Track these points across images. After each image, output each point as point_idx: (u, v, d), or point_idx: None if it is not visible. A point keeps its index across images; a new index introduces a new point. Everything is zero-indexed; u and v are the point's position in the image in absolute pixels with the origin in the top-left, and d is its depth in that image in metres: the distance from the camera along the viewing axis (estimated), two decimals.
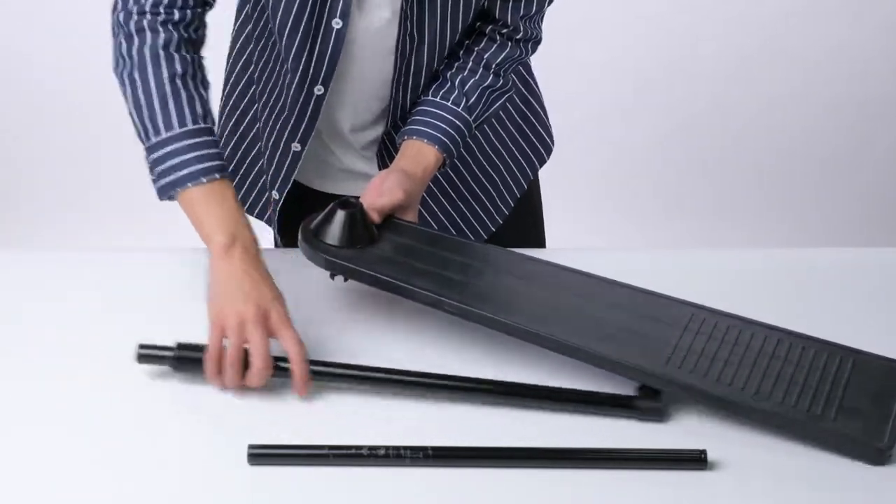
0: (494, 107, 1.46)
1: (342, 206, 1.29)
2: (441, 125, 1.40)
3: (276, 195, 1.51)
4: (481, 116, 1.45)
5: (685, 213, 3.35)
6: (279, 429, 1.12)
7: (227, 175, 1.29)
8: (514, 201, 1.61)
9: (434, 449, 1.08)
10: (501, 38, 1.44)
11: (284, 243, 1.58)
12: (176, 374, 1.20)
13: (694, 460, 1.07)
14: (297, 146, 1.45)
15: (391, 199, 1.33)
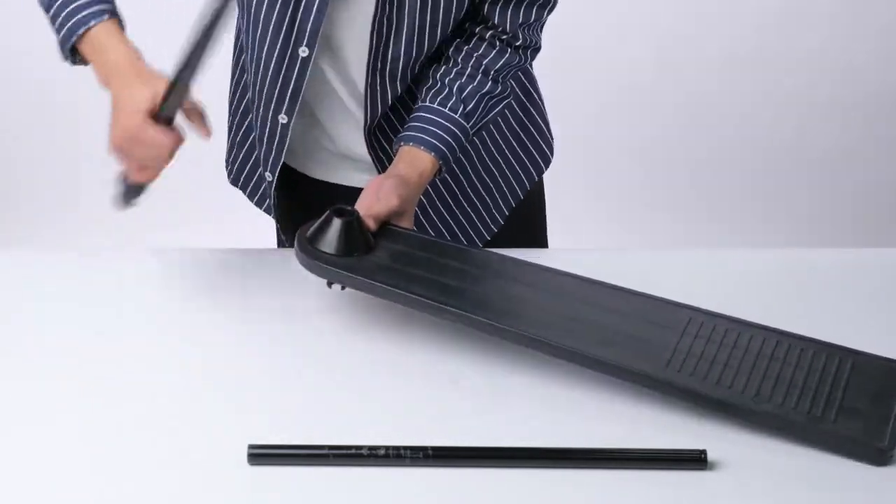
0: (492, 113, 1.45)
1: (338, 213, 1.28)
2: (437, 131, 1.39)
3: (268, 176, 1.48)
4: (479, 123, 1.43)
5: (685, 214, 3.35)
6: (279, 429, 1.12)
7: (116, 17, 1.35)
8: (508, 210, 1.60)
9: (434, 449, 1.08)
10: (501, 43, 1.43)
11: (286, 238, 1.57)
12: (176, 374, 1.21)
13: (694, 460, 1.07)
14: (283, 118, 1.41)
15: (387, 206, 1.32)
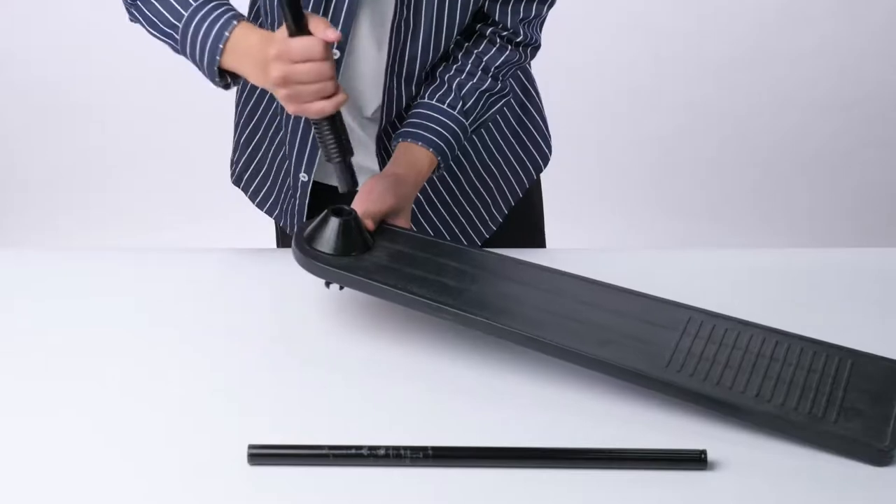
0: (491, 111, 1.46)
1: (336, 213, 1.28)
2: (436, 128, 1.40)
3: (303, 176, 1.48)
4: (478, 121, 1.44)
5: (685, 213, 3.35)
6: (279, 429, 1.12)
7: (243, 18, 1.32)
8: (507, 209, 1.60)
9: (434, 449, 1.08)
10: (501, 41, 1.43)
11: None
12: (175, 374, 1.21)
13: (694, 460, 1.07)
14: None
15: (384, 205, 1.33)
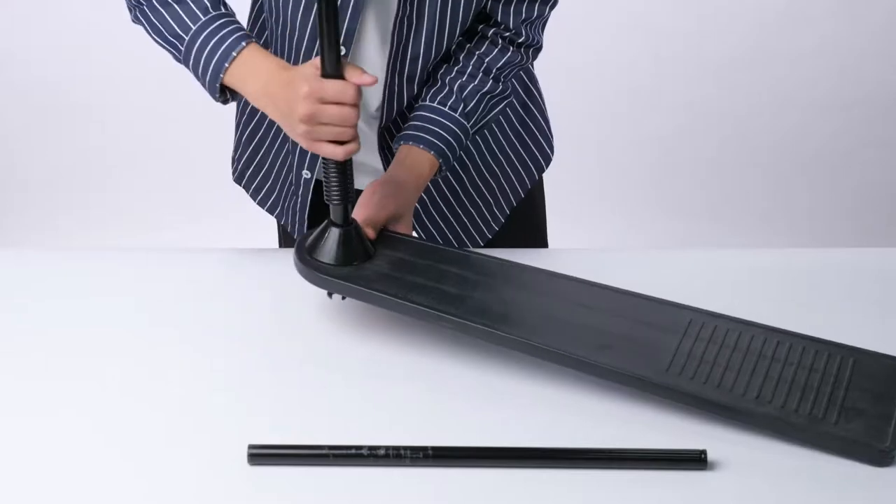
0: (493, 113, 1.45)
1: (336, 223, 1.28)
2: (437, 130, 1.39)
3: (306, 174, 1.48)
4: (479, 123, 1.44)
5: (685, 213, 3.35)
6: (279, 429, 1.12)
7: (252, 39, 1.32)
8: (509, 209, 1.60)
9: (434, 449, 1.08)
10: (503, 41, 1.43)
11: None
12: (176, 374, 1.21)
13: (694, 460, 1.07)
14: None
15: (384, 213, 1.33)
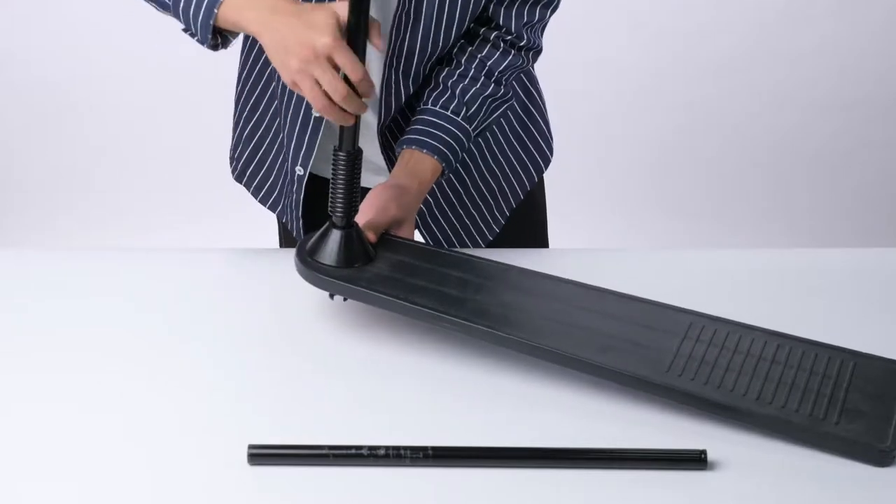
0: (494, 116, 1.46)
1: (338, 226, 1.28)
2: (440, 134, 1.40)
3: (299, 170, 1.47)
4: (481, 126, 1.44)
5: (685, 214, 3.36)
6: (279, 429, 1.12)
7: None
8: (510, 211, 1.60)
9: (434, 449, 1.08)
10: (504, 45, 1.44)
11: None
12: (176, 374, 1.21)
13: (694, 460, 1.07)
14: (317, 112, 1.39)
15: (386, 217, 1.33)
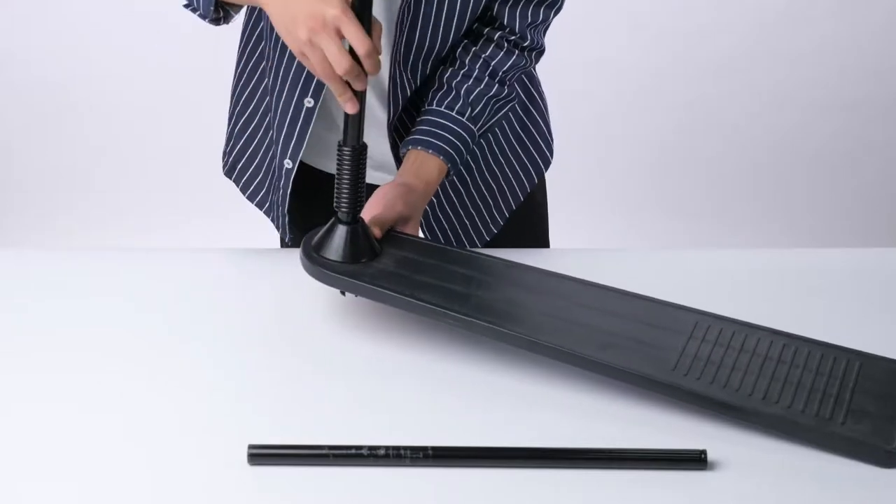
0: (498, 116, 1.46)
1: (343, 221, 1.28)
2: (445, 135, 1.40)
3: (287, 163, 1.46)
4: (485, 126, 1.44)
5: (685, 214, 3.36)
6: (279, 429, 1.12)
7: None
8: (509, 212, 1.60)
9: (434, 449, 1.08)
10: (508, 45, 1.44)
11: (291, 230, 1.56)
12: (176, 374, 1.22)
13: (694, 460, 1.07)
14: (309, 101, 1.40)
15: (393, 213, 1.33)
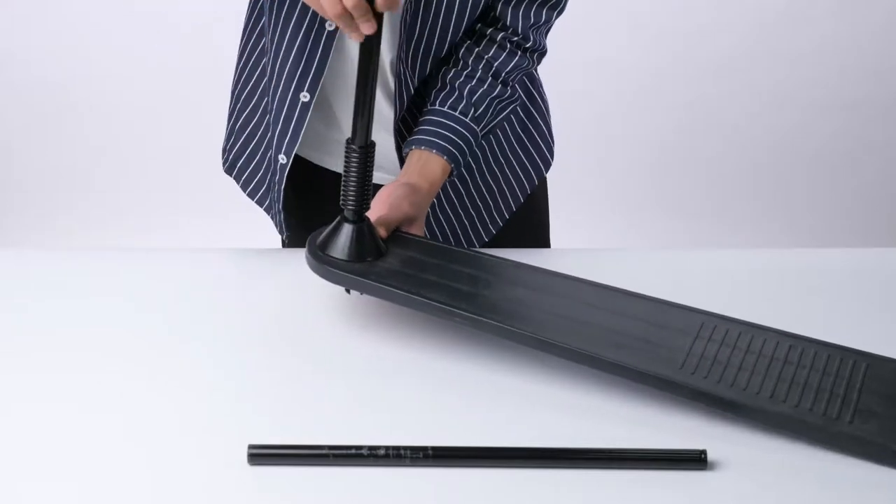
0: (500, 117, 1.46)
1: (349, 220, 1.29)
2: (448, 135, 1.40)
3: (282, 158, 1.45)
4: (488, 126, 1.45)
5: (686, 214, 3.35)
6: (279, 429, 1.12)
7: None
8: (509, 213, 1.60)
9: (434, 449, 1.08)
10: (511, 45, 1.44)
11: (287, 228, 1.56)
12: (176, 374, 1.22)
13: (694, 460, 1.06)
14: (305, 96, 1.40)
15: (398, 213, 1.33)
